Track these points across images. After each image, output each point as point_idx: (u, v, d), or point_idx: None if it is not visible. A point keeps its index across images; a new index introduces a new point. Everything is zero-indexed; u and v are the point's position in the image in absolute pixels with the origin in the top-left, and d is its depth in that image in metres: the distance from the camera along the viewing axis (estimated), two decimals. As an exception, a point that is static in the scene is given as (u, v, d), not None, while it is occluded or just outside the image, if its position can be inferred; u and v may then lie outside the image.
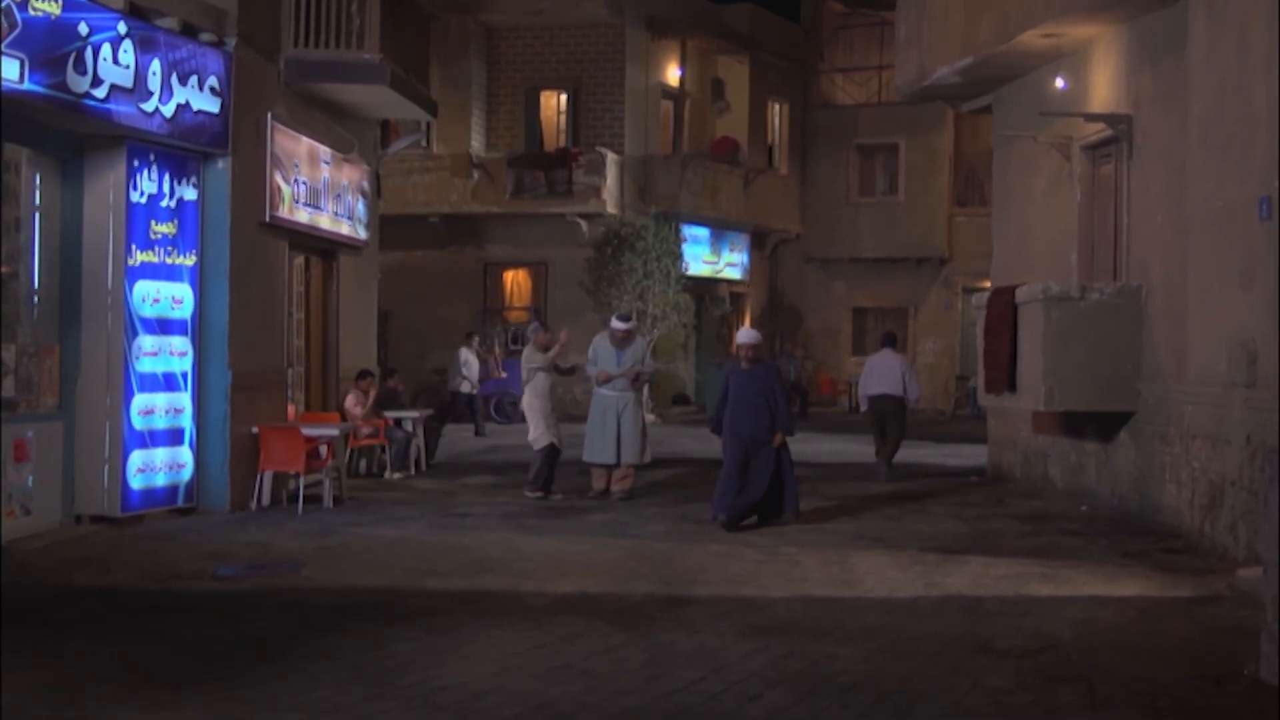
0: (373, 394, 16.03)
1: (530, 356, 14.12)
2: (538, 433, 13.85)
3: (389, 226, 20.88)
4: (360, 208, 16.37)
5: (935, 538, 11.40)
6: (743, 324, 32.64)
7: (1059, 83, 14.20)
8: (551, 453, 13.84)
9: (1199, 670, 7.04)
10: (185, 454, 12.41)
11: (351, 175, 15.96)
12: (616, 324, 14.22)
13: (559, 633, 7.75)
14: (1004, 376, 13.56)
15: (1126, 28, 13.13)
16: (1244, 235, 10.12)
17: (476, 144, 27.92)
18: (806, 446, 21.28)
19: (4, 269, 10.90)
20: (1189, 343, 11.11)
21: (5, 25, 9.48)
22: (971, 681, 6.76)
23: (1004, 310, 13.58)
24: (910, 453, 18.27)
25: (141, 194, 11.80)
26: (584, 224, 26.69)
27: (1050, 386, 12.77)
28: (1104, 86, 13.68)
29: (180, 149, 12.20)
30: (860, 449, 21.04)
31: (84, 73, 10.43)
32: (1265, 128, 9.79)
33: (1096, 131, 13.72)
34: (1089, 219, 14.27)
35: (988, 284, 19.92)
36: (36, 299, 11.42)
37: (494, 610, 8.38)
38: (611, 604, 8.62)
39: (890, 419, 16.27)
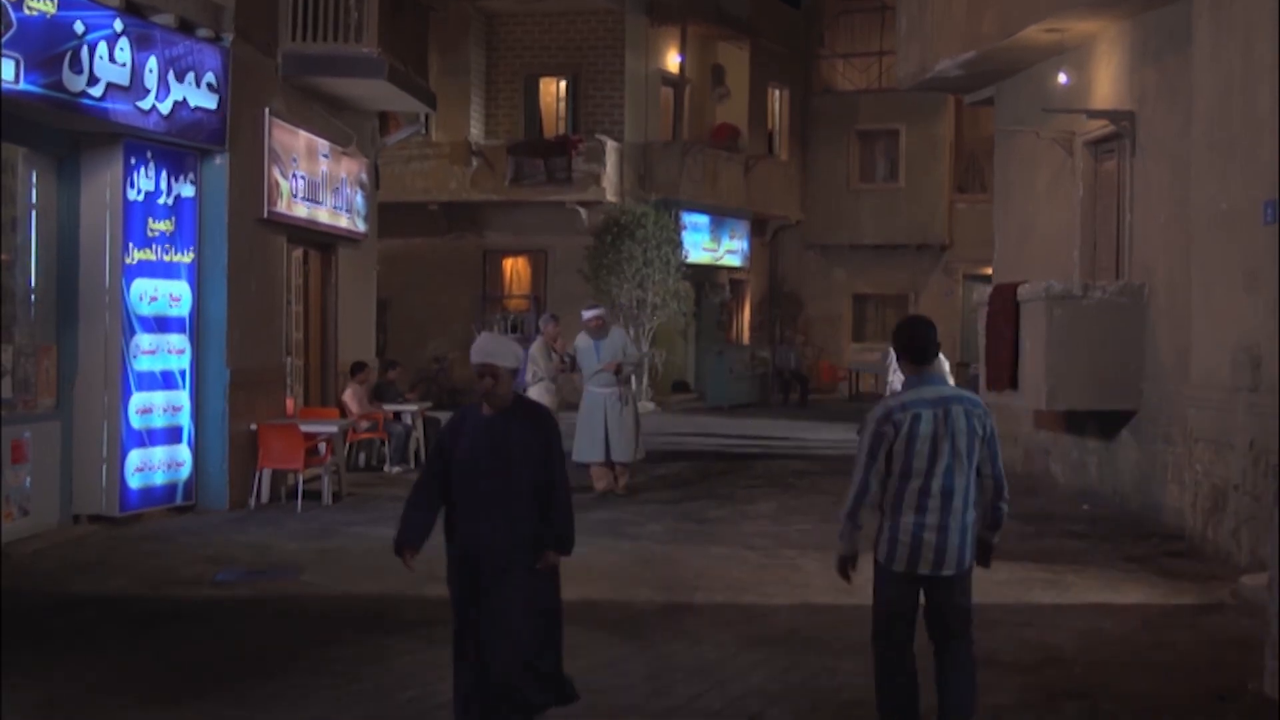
0: (370, 382, 16.00)
1: (537, 354, 13.96)
2: None
3: (387, 214, 20.80)
4: (359, 200, 16.29)
5: (936, 539, 11.36)
6: (742, 311, 32.56)
7: (1061, 78, 14.12)
8: None
9: (1203, 685, 7.01)
10: (184, 452, 12.36)
11: (350, 168, 15.88)
12: (584, 314, 14.14)
13: (559, 644, 7.70)
14: (1006, 374, 13.52)
15: (1130, 24, 13.04)
16: (1248, 238, 10.05)
17: (476, 131, 27.80)
18: (807, 436, 21.28)
19: (3, 256, 10.84)
20: (1192, 345, 11.05)
21: (1, 25, 9.40)
22: (974, 699, 6.72)
23: (1006, 307, 13.53)
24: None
25: (139, 192, 11.72)
26: (584, 211, 26.60)
27: (1052, 385, 12.74)
28: (1107, 82, 13.60)
29: (177, 146, 12.11)
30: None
31: (80, 71, 10.34)
32: (1270, 131, 9.72)
33: (1099, 127, 13.65)
34: (1091, 215, 14.21)
35: (988, 271, 19.87)
36: (34, 299, 11.35)
37: (494, 620, 8.32)
38: (612, 612, 8.58)
39: None
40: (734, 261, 30.77)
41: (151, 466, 11.96)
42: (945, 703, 5.83)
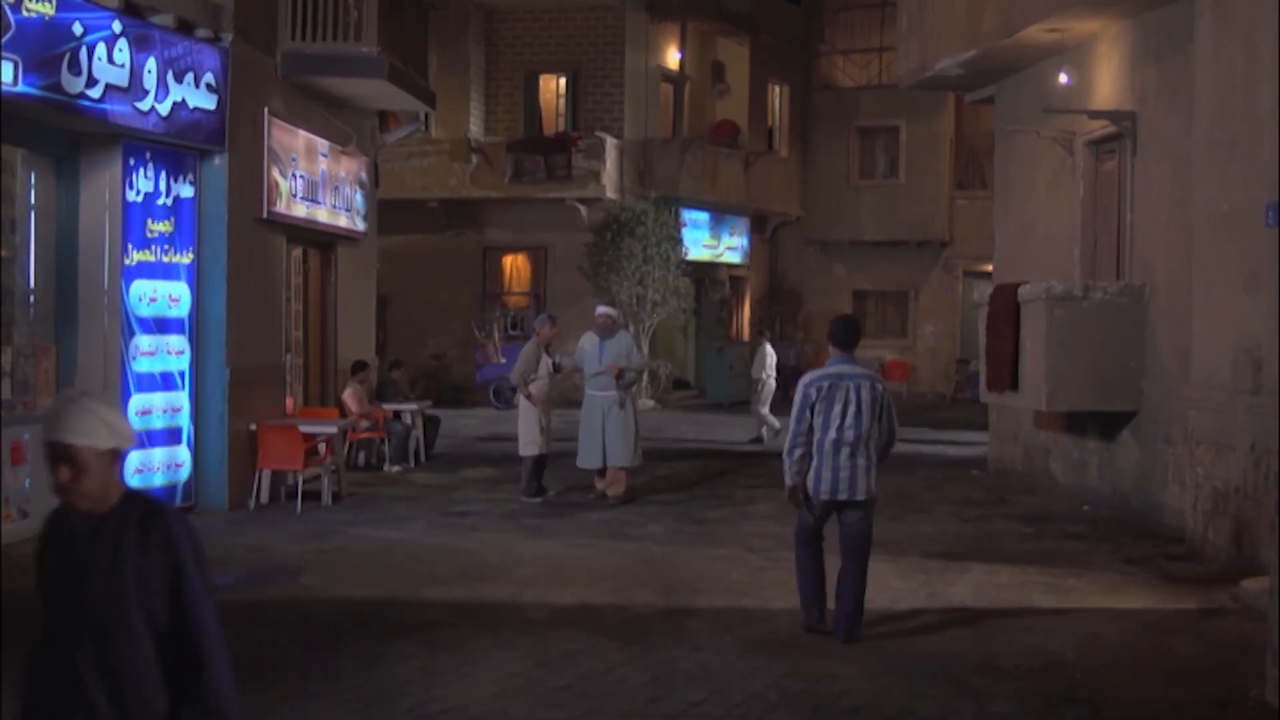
0: (371, 381, 15.98)
1: (531, 354, 13.82)
2: (527, 439, 13.52)
3: (387, 211, 20.78)
4: (358, 199, 16.26)
5: (937, 541, 11.34)
6: (742, 308, 32.50)
7: (1062, 78, 14.08)
8: (538, 459, 13.62)
9: (1204, 691, 6.99)
10: (183, 453, 12.34)
11: (349, 166, 15.85)
12: (599, 309, 14.04)
13: (559, 649, 7.69)
14: (1007, 374, 13.50)
15: (1131, 23, 13.01)
16: (1249, 239, 10.02)
17: (475, 128, 27.76)
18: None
19: (3, 252, 10.81)
20: (1193, 346, 11.02)
21: (-1, 27, 9.38)
22: (975, 705, 6.71)
23: (1007, 307, 13.51)
24: (909, 442, 18.19)
25: (138, 192, 11.70)
26: (583, 208, 26.55)
27: (1053, 386, 12.72)
28: (1108, 82, 13.57)
29: (177, 146, 12.08)
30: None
31: (79, 73, 10.31)
32: (1271, 131, 9.69)
33: (1100, 127, 13.62)
34: (1092, 215, 14.18)
35: (988, 267, 19.83)
36: (33, 299, 11.33)
37: (494, 624, 8.31)
38: (612, 616, 8.56)
39: None
40: (734, 258, 30.74)
41: (151, 467, 11.94)
42: (841, 607, 7.87)
